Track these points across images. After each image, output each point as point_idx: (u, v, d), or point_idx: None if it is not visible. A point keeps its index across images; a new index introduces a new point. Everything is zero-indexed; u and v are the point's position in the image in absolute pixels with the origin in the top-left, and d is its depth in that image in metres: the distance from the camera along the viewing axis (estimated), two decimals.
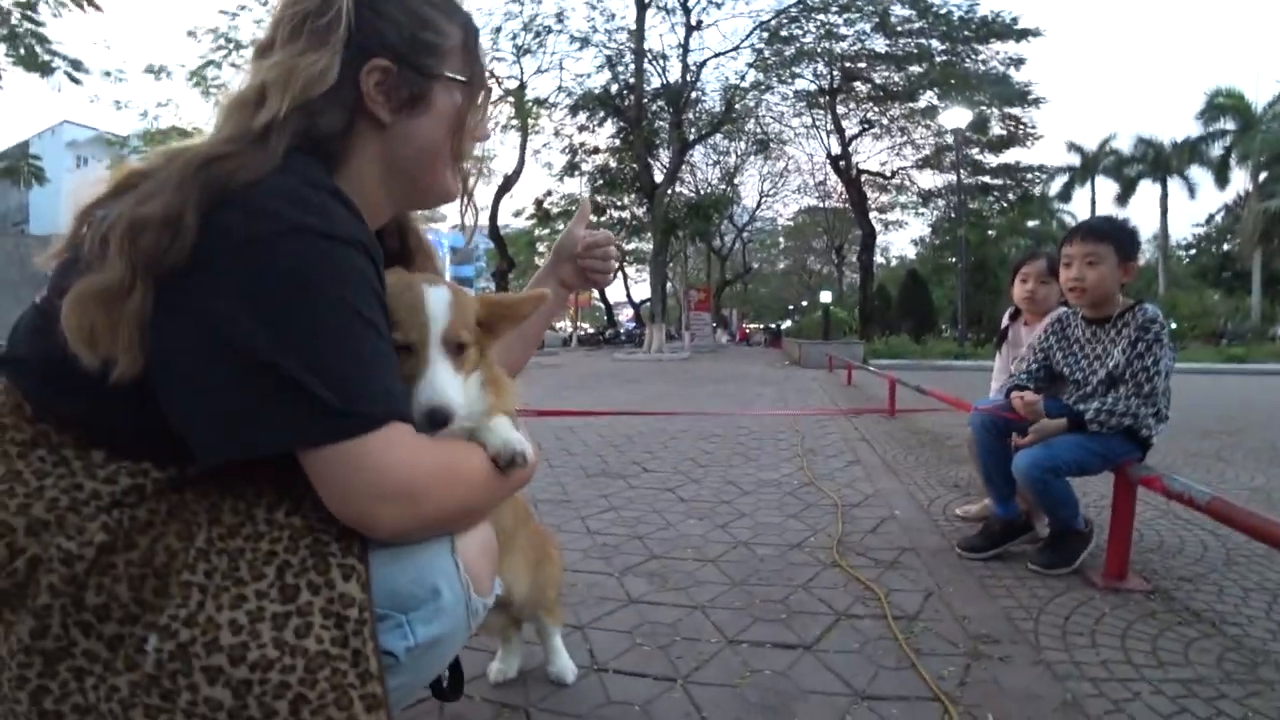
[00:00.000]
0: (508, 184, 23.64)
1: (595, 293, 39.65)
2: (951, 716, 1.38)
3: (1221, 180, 32.43)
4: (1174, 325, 22.62)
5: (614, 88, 22.29)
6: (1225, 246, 38.47)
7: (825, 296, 21.13)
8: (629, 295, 42.84)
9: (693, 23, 21.40)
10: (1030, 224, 27.89)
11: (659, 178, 22.12)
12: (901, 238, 79.09)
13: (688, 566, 2.26)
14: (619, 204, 25.87)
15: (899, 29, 21.56)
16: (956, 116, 19.41)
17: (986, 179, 26.98)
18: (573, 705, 1.43)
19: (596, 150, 24.35)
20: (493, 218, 23.80)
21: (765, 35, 21.94)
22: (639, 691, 1.48)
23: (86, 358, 0.66)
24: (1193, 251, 43.46)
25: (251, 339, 0.65)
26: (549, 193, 26.58)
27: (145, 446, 0.73)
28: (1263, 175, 28.15)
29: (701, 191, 28.73)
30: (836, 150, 26.13)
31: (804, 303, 48.29)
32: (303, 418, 0.67)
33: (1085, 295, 2.28)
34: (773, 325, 46.30)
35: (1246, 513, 1.66)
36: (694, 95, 22.90)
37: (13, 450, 0.72)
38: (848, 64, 23.06)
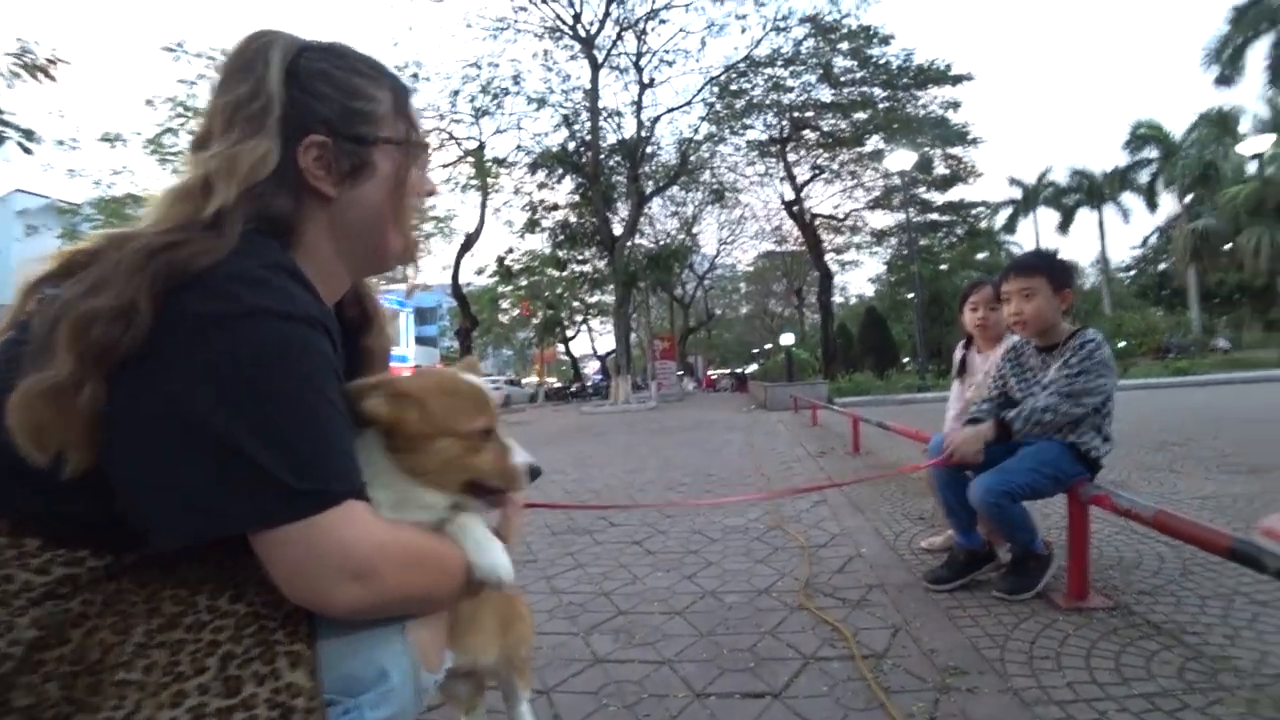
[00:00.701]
0: (469, 242, 23.76)
1: (560, 346, 39.71)
2: None
3: (1151, 204, 34.61)
4: (1123, 344, 23.44)
5: (571, 145, 22.75)
6: (1161, 266, 40.36)
7: (786, 339, 21.41)
8: (594, 348, 42.97)
9: (645, 80, 22.15)
10: (980, 256, 28.95)
11: (618, 231, 22.50)
12: (858, 276, 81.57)
13: (655, 620, 2.22)
14: (580, 258, 26.21)
15: (842, 79, 22.60)
16: (902, 159, 20.19)
17: (935, 216, 28.10)
18: None
19: (556, 206, 24.72)
20: (455, 277, 23.80)
21: (716, 90, 22.77)
22: None
23: (36, 457, 0.64)
24: (1132, 272, 45.46)
25: (211, 421, 0.64)
26: (510, 250, 26.88)
27: (88, 534, 0.70)
28: (1188, 197, 29.77)
29: (661, 242, 29.25)
30: (790, 196, 26.94)
31: (768, 346, 48.87)
32: (264, 498, 0.66)
33: (1028, 327, 2.37)
34: (738, 370, 46.70)
35: (1190, 523, 1.71)
36: (649, 149, 23.53)
37: None
38: (796, 114, 23.99)
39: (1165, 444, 5.64)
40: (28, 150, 9.39)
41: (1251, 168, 20.67)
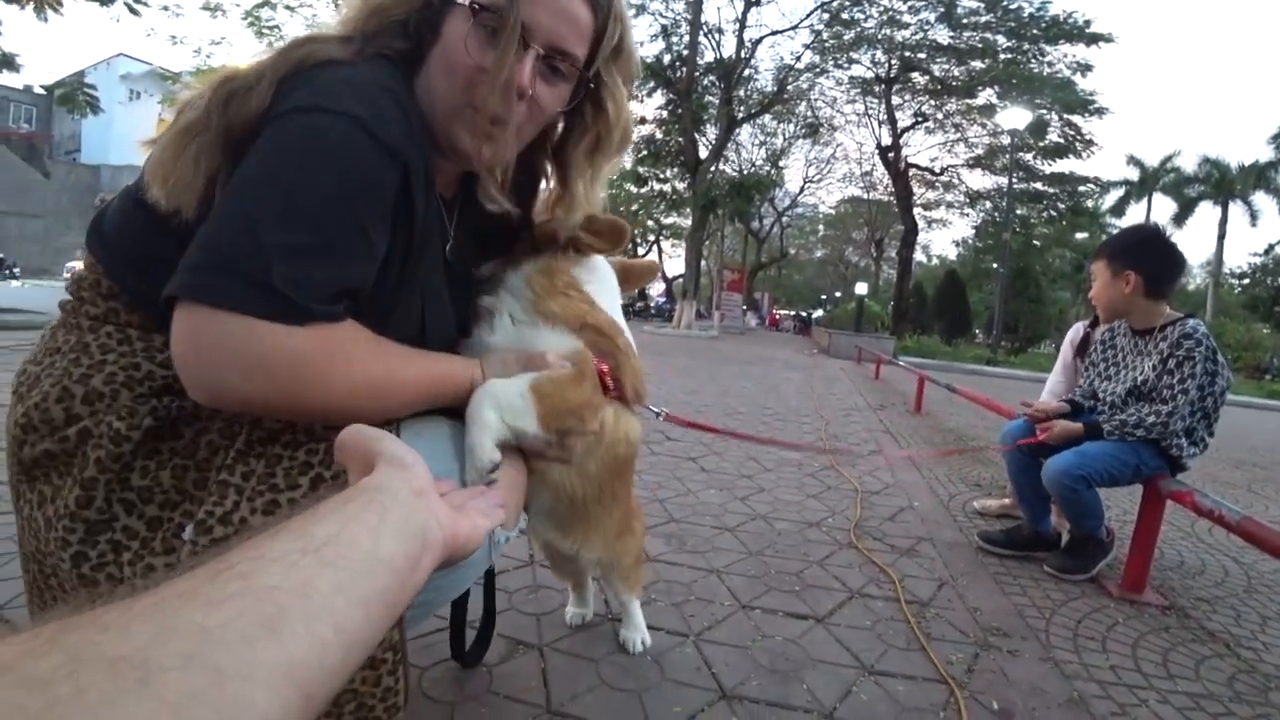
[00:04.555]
0: None
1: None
2: (958, 700, 1.41)
3: None
4: None
5: (666, 58, 21.88)
6: None
7: (860, 288, 20.86)
8: (662, 270, 42.70)
9: None
10: (1079, 236, 27.10)
11: (704, 153, 21.84)
12: (943, 237, 78.24)
13: (705, 533, 2.30)
14: (661, 176, 25.63)
15: (965, 21, 20.81)
16: (1015, 117, 18.71)
17: (1039, 185, 26.12)
18: (586, 649, 1.48)
19: (643, 120, 23.96)
20: None
21: (826, 16, 21.34)
22: (652, 643, 1.52)
23: (156, 193, 0.70)
24: (1246, 281, 41.80)
25: (250, 200, 0.65)
26: None
27: None
28: None
29: (745, 171, 28.35)
30: (887, 141, 25.61)
31: (837, 293, 47.69)
32: (247, 288, 0.63)
33: (1100, 311, 2.42)
34: (804, 313, 45.88)
35: (1278, 534, 1.65)
36: (747, 72, 22.44)
37: (85, 323, 0.77)
38: (907, 53, 22.37)
39: (1246, 464, 5.38)
40: (135, 11, 9.48)
41: None
